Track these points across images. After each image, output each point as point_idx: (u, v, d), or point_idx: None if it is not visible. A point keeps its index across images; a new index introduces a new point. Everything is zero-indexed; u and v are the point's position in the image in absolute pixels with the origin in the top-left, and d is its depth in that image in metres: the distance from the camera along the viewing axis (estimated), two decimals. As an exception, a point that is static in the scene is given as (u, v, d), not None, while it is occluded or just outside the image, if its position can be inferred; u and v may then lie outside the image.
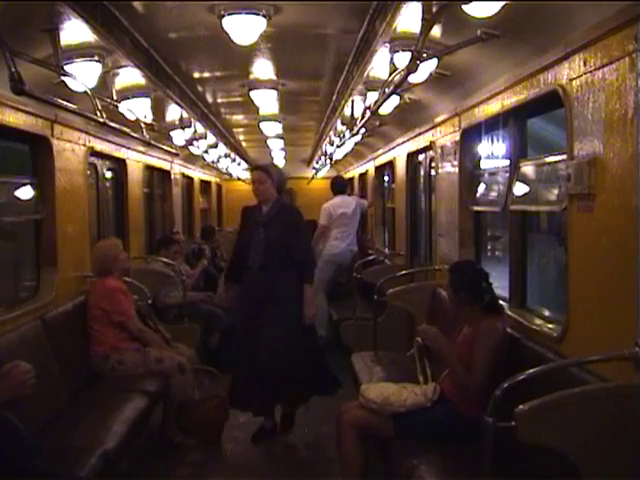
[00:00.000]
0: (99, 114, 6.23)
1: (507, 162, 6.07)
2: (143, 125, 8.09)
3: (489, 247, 8.00)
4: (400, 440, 5.01)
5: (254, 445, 7.13)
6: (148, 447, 6.72)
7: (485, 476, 3.73)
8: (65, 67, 5.51)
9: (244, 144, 18.34)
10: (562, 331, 4.53)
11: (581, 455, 3.44)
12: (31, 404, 5.32)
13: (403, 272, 8.95)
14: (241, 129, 15.19)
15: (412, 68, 4.62)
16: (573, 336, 4.36)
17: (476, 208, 7.06)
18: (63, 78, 5.71)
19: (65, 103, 5.77)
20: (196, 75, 8.62)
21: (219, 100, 10.78)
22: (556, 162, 4.96)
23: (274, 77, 8.82)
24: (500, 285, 6.00)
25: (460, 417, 4.91)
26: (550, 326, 5.08)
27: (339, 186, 12.08)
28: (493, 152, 6.73)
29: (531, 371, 3.74)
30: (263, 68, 8.26)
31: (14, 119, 5.89)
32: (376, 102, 6.81)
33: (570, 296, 4.41)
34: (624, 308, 3.67)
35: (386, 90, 6.12)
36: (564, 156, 4.48)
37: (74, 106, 5.93)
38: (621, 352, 3.55)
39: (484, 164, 6.98)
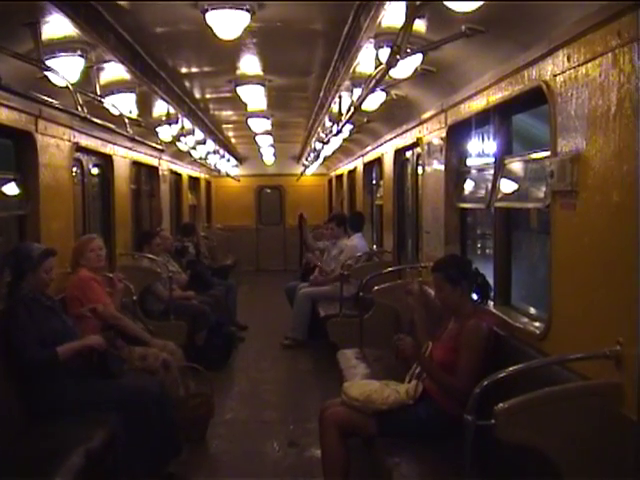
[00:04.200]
0: (80, 109, 6.18)
1: (492, 159, 6.04)
2: (127, 121, 8.03)
3: (479, 245, 7.98)
4: (382, 438, 5.00)
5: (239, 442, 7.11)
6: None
7: (466, 474, 3.72)
8: (47, 61, 5.46)
9: (233, 140, 18.26)
10: (545, 329, 4.52)
11: (561, 453, 3.43)
12: (15, 400, 5.37)
13: (389, 269, 8.94)
14: (230, 125, 15.10)
15: (392, 63, 4.58)
16: (555, 334, 4.35)
17: (462, 205, 7.04)
18: (45, 73, 5.65)
19: (46, 98, 5.72)
20: (182, 70, 8.55)
21: (207, 96, 10.70)
22: (540, 159, 4.94)
23: (261, 73, 8.76)
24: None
25: (442, 415, 4.90)
26: (534, 324, 5.07)
27: (359, 223, 11.84)
28: (479, 149, 6.72)
29: (511, 369, 3.74)
30: (249, 64, 8.21)
31: (-4, 114, 5.86)
32: (359, 98, 6.78)
33: (553, 294, 4.39)
34: (606, 306, 3.67)
35: (370, 86, 6.09)
36: (548, 153, 4.47)
37: (55, 101, 5.87)
38: (602, 350, 3.54)
39: (470, 161, 6.97)
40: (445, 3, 4.30)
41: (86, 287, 6.81)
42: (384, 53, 5.80)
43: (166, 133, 10.79)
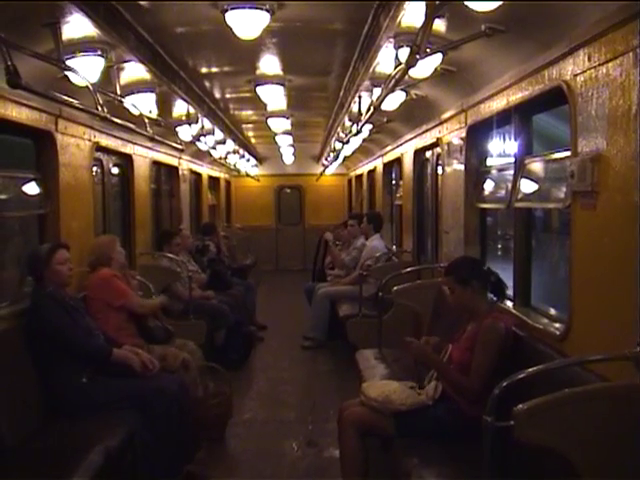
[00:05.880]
0: (100, 109, 6.20)
1: (512, 159, 6.01)
2: (147, 120, 8.05)
3: (499, 246, 7.96)
4: (401, 438, 4.98)
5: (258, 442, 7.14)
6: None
7: (485, 475, 3.71)
8: (67, 61, 5.47)
9: (253, 140, 18.29)
10: (565, 330, 4.49)
11: (580, 455, 3.40)
12: (36, 397, 5.38)
13: (408, 269, 8.91)
14: (250, 125, 15.13)
15: (411, 63, 4.58)
16: (575, 335, 4.33)
17: (482, 205, 7.02)
18: (66, 73, 5.68)
19: (66, 98, 5.74)
20: (202, 70, 8.57)
21: (226, 96, 10.73)
22: (561, 159, 4.91)
23: (280, 72, 8.77)
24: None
25: (462, 416, 4.87)
26: (554, 325, 5.04)
27: (378, 223, 11.64)
28: (499, 149, 6.70)
29: (530, 370, 3.71)
30: (269, 64, 8.22)
31: (17, 113, 5.87)
32: (378, 98, 6.77)
33: (573, 294, 4.37)
34: (626, 307, 3.63)
35: (390, 86, 6.08)
36: (568, 153, 4.44)
37: (75, 101, 5.89)
38: (622, 352, 3.51)
39: (490, 161, 6.95)
40: (465, 3, 4.29)
41: (111, 285, 6.85)
42: (404, 53, 5.77)
43: (186, 133, 10.80)
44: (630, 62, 3.55)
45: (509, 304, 5.97)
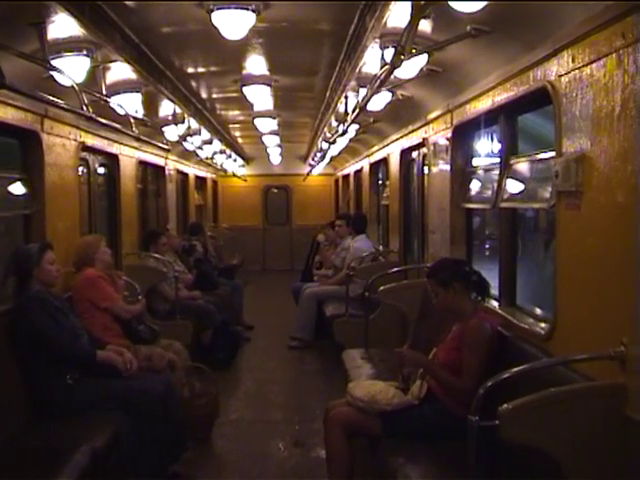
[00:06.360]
0: (86, 109, 6.18)
1: (498, 159, 6.03)
2: (133, 120, 8.03)
3: (487, 246, 7.97)
4: (387, 438, 4.98)
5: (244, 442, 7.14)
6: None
7: (471, 474, 3.72)
8: (53, 61, 5.46)
9: (240, 140, 18.27)
10: (550, 330, 4.51)
11: (565, 454, 3.43)
12: (20, 398, 5.37)
13: (395, 269, 8.92)
14: (236, 125, 15.13)
15: (396, 63, 4.58)
16: (560, 335, 4.34)
17: (468, 205, 7.03)
18: (51, 72, 5.66)
19: (51, 98, 5.72)
20: (188, 70, 8.56)
21: (213, 96, 10.72)
22: (546, 159, 4.93)
23: (267, 73, 8.77)
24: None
25: (448, 415, 4.88)
26: (539, 325, 5.06)
27: (362, 224, 11.74)
28: (484, 149, 6.72)
29: (515, 370, 3.73)
30: (256, 64, 8.22)
31: (2, 113, 5.85)
32: (364, 98, 6.77)
33: (558, 294, 4.38)
34: (611, 307, 3.66)
35: (375, 86, 6.09)
36: (553, 153, 4.46)
37: (60, 101, 5.87)
38: (606, 351, 3.52)
39: (476, 161, 6.97)
40: (450, 3, 4.30)
41: (96, 286, 6.84)
42: (389, 53, 5.79)
43: (172, 133, 10.79)
44: (614, 63, 3.56)
45: (495, 304, 5.99)
